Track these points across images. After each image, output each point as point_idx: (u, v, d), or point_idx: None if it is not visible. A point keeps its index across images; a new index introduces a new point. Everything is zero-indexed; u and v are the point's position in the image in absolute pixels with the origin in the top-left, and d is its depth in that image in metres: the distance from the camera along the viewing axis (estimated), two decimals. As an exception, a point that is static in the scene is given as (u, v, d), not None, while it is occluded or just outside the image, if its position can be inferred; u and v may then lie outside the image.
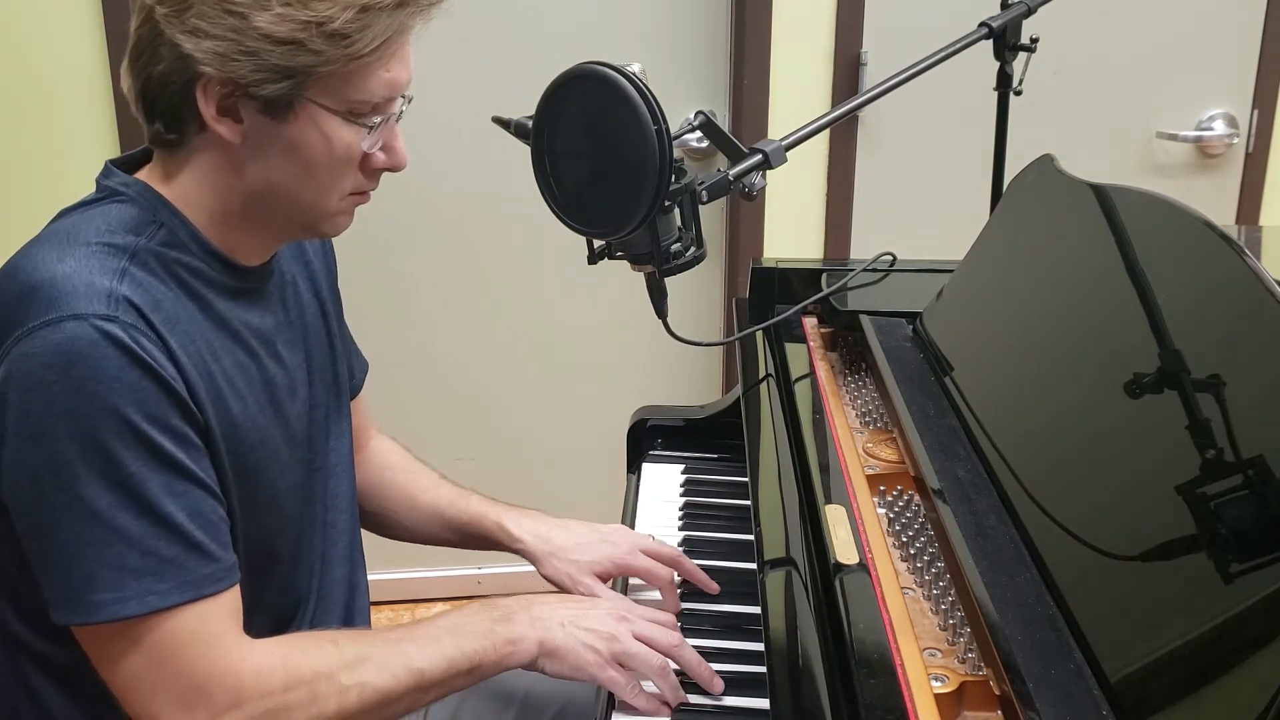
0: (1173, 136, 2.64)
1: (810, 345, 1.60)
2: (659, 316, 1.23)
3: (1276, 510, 0.79)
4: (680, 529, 1.45)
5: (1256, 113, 2.64)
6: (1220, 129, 2.65)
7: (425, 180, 2.43)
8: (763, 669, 1.04)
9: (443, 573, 2.73)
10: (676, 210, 1.14)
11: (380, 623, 1.19)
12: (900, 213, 2.58)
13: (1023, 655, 0.88)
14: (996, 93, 1.60)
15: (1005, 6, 1.53)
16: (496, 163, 2.41)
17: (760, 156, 1.23)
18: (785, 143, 1.26)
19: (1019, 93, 1.59)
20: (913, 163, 2.58)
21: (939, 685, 0.92)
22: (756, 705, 1.10)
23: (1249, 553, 0.80)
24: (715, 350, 2.70)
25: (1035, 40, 1.55)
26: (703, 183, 1.17)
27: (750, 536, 1.24)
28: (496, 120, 1.22)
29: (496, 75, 2.43)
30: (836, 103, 2.48)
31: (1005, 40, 1.54)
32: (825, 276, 1.71)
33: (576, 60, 1.10)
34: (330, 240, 1.28)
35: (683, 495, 1.54)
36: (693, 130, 1.24)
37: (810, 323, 1.67)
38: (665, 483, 1.58)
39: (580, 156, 1.12)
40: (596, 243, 1.19)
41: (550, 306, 2.62)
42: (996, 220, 1.46)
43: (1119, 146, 2.65)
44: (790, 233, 2.57)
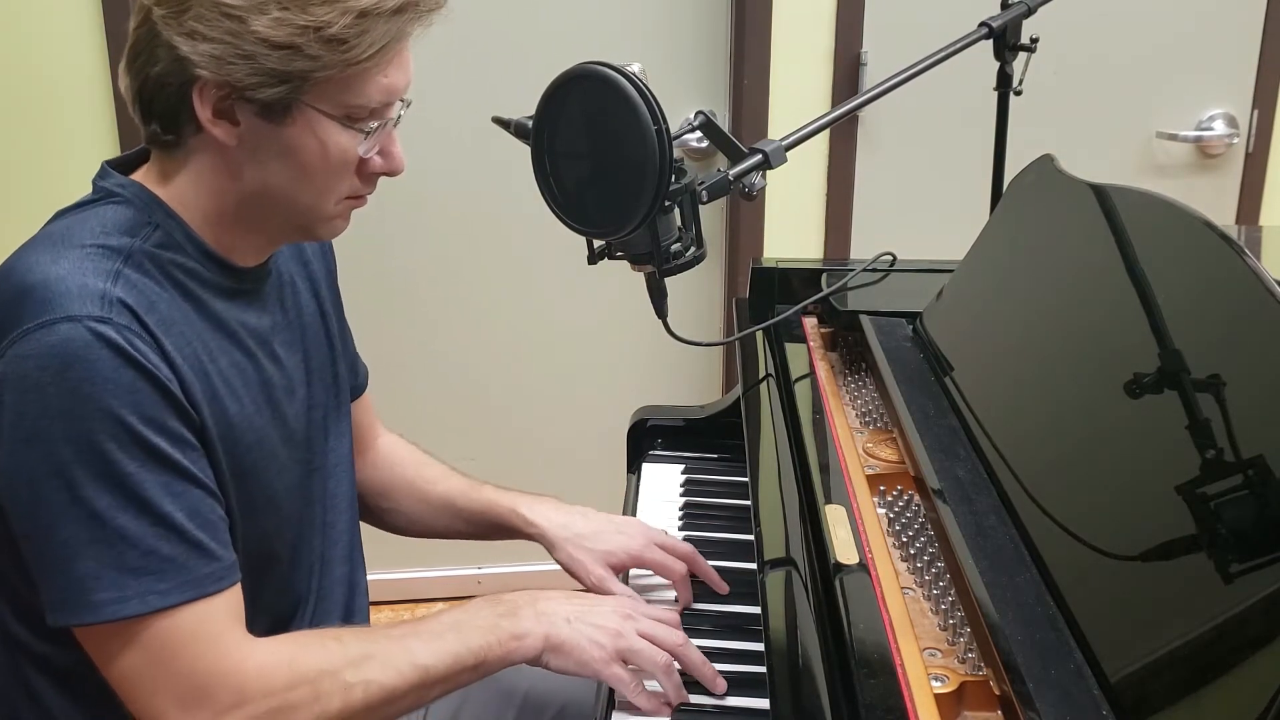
0: (1173, 136, 2.64)
1: (810, 345, 1.60)
2: (659, 316, 1.23)
3: (1276, 510, 0.79)
4: (680, 529, 1.45)
5: (1256, 113, 2.64)
6: (1220, 129, 2.65)
7: (426, 180, 2.43)
8: (763, 669, 1.04)
9: (443, 573, 2.73)
10: (676, 210, 1.14)
11: (380, 623, 1.19)
12: (900, 213, 2.58)
13: (1023, 655, 0.87)
14: (996, 93, 1.60)
15: (1005, 6, 1.53)
16: (496, 163, 2.41)
17: (760, 156, 1.23)
18: (785, 143, 1.26)
19: (1019, 93, 1.59)
20: (913, 163, 2.58)
21: (939, 685, 0.92)
22: (756, 705, 1.10)
23: (1249, 553, 0.80)
24: (715, 350, 2.70)
25: (1035, 40, 1.55)
26: (703, 183, 1.17)
27: (750, 536, 1.24)
28: (496, 120, 1.22)
29: (496, 75, 2.43)
30: (836, 103, 2.48)
31: (1005, 40, 1.54)
32: (825, 276, 1.71)
33: (576, 60, 1.10)
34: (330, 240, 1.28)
35: (683, 495, 1.54)
36: (693, 130, 1.24)
37: (810, 323, 1.67)
38: (665, 483, 1.58)
39: (580, 156, 1.12)
40: (596, 243, 1.19)
41: (550, 306, 2.62)
42: (996, 220, 1.46)
43: (1119, 146, 2.65)
44: (790, 233, 2.57)
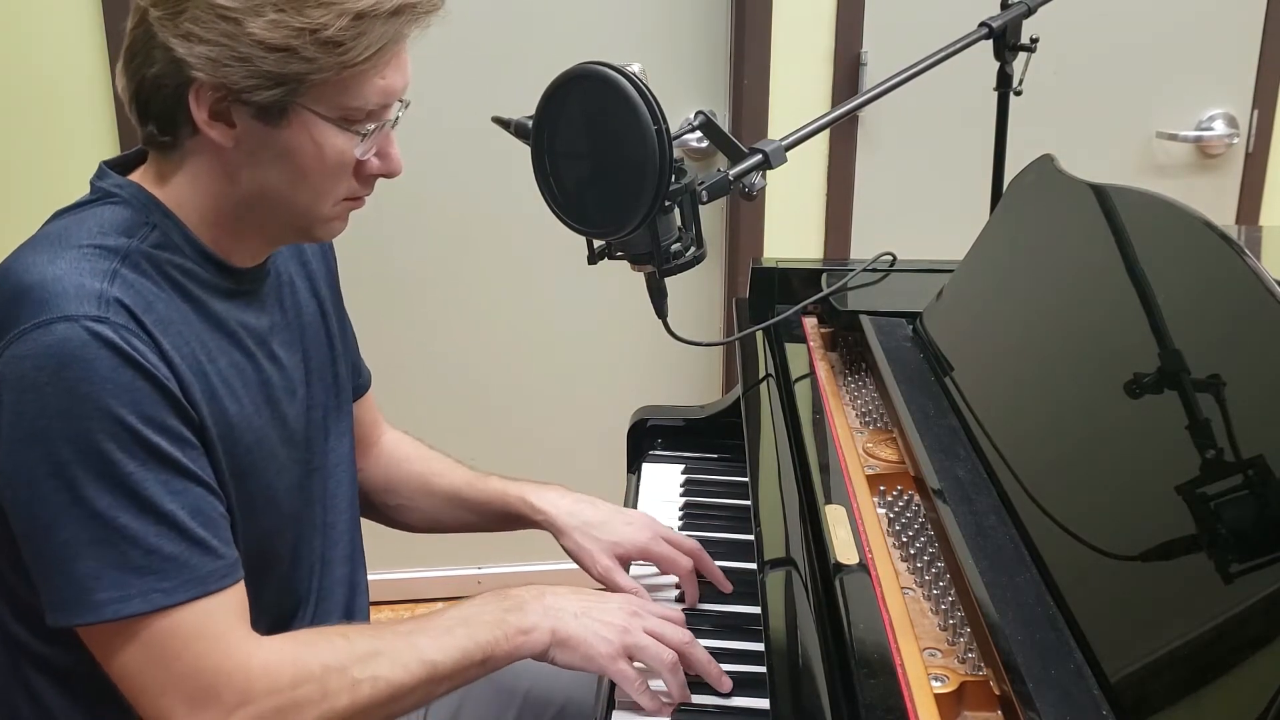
0: (1173, 136, 2.64)
1: (810, 345, 1.60)
2: (659, 316, 1.23)
3: (1276, 510, 0.79)
4: (680, 529, 1.45)
5: (1256, 113, 2.64)
6: (1220, 129, 2.65)
7: (426, 180, 2.43)
8: (763, 669, 1.04)
9: (443, 572, 2.73)
10: (676, 210, 1.14)
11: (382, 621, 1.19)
12: (900, 213, 2.58)
13: (1023, 655, 0.87)
14: (996, 93, 1.60)
15: (1005, 6, 1.53)
16: (496, 163, 2.40)
17: (760, 156, 1.23)
18: (785, 143, 1.26)
19: (1019, 93, 1.59)
20: (913, 163, 2.58)
21: (939, 685, 0.92)
22: (756, 705, 1.10)
23: (1249, 553, 0.80)
24: (715, 350, 2.70)
25: (1035, 40, 1.55)
26: (703, 183, 1.17)
27: (750, 536, 1.24)
28: (496, 120, 1.22)
29: (496, 75, 2.43)
30: (836, 103, 2.48)
31: (1005, 40, 1.54)
32: (825, 276, 1.71)
33: (576, 60, 1.10)
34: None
35: (683, 495, 1.54)
36: (693, 130, 1.24)
37: (810, 323, 1.67)
38: (665, 483, 1.58)
39: (580, 156, 1.12)
40: (596, 243, 1.19)
41: (550, 307, 2.62)
42: (996, 220, 1.46)
43: (1119, 146, 2.65)
44: (790, 233, 2.57)
